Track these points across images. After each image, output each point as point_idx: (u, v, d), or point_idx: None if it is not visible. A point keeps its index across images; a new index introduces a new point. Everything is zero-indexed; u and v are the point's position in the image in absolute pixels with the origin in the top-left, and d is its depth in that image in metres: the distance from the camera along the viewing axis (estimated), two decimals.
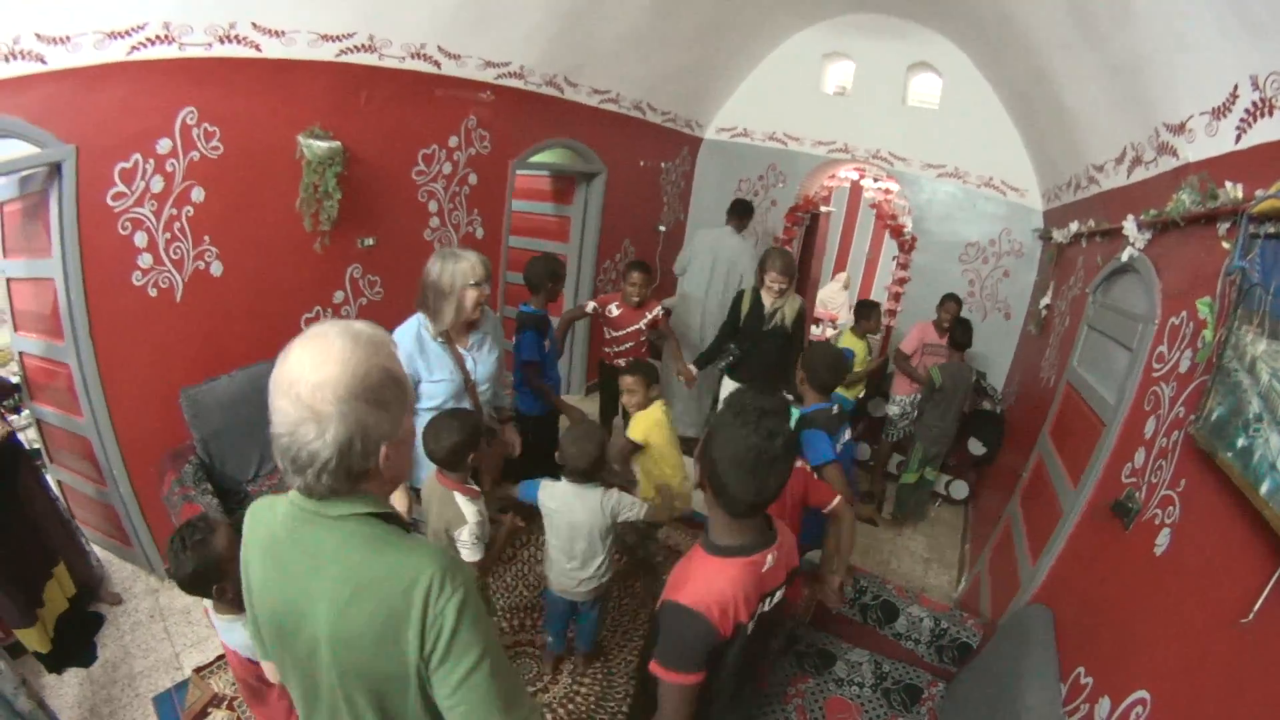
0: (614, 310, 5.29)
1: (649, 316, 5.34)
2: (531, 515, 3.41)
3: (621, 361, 5.23)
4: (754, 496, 1.83)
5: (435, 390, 3.27)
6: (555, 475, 3.38)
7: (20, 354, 4.04)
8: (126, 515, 4.01)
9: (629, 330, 5.33)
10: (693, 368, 5.28)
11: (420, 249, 5.19)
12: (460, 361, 3.38)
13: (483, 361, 3.49)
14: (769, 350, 5.18)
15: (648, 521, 3.68)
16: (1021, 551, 3.78)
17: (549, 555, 3.43)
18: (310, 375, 1.25)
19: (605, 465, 3.35)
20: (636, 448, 3.94)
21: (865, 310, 5.98)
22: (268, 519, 1.44)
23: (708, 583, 1.86)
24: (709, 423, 2.02)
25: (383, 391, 1.32)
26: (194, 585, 2.33)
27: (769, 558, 1.97)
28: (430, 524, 3.03)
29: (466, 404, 3.38)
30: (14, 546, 3.27)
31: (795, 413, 3.69)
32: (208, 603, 2.48)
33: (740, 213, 6.58)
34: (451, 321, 3.25)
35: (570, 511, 3.25)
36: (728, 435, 1.83)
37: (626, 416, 4.30)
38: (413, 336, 3.24)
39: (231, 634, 2.39)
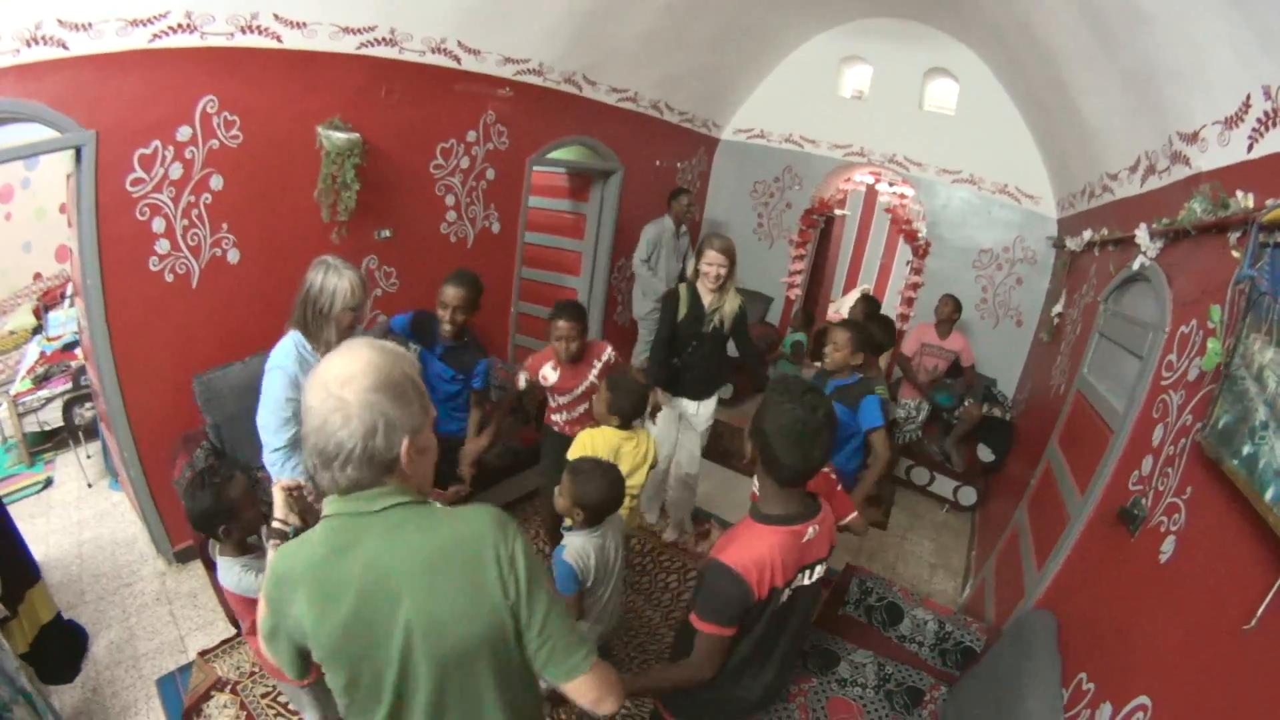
0: (550, 375, 4.11)
1: (597, 366, 4.12)
2: None
3: (577, 430, 3.98)
4: (801, 464, 2.02)
5: None
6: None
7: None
8: (136, 496, 4.06)
9: (579, 392, 4.14)
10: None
11: (437, 242, 5.24)
12: None
13: None
14: (710, 355, 4.47)
15: None
16: (1027, 558, 3.78)
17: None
18: (339, 373, 1.40)
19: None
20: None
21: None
22: (301, 553, 1.48)
23: (749, 545, 2.04)
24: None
25: (403, 389, 1.44)
26: (204, 522, 2.47)
27: (810, 529, 2.14)
28: None
29: None
30: None
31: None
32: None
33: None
34: (332, 344, 2.92)
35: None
36: (777, 409, 2.02)
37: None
38: (293, 358, 2.91)
39: (229, 573, 2.50)
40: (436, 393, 3.80)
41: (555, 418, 4.30)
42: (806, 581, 2.23)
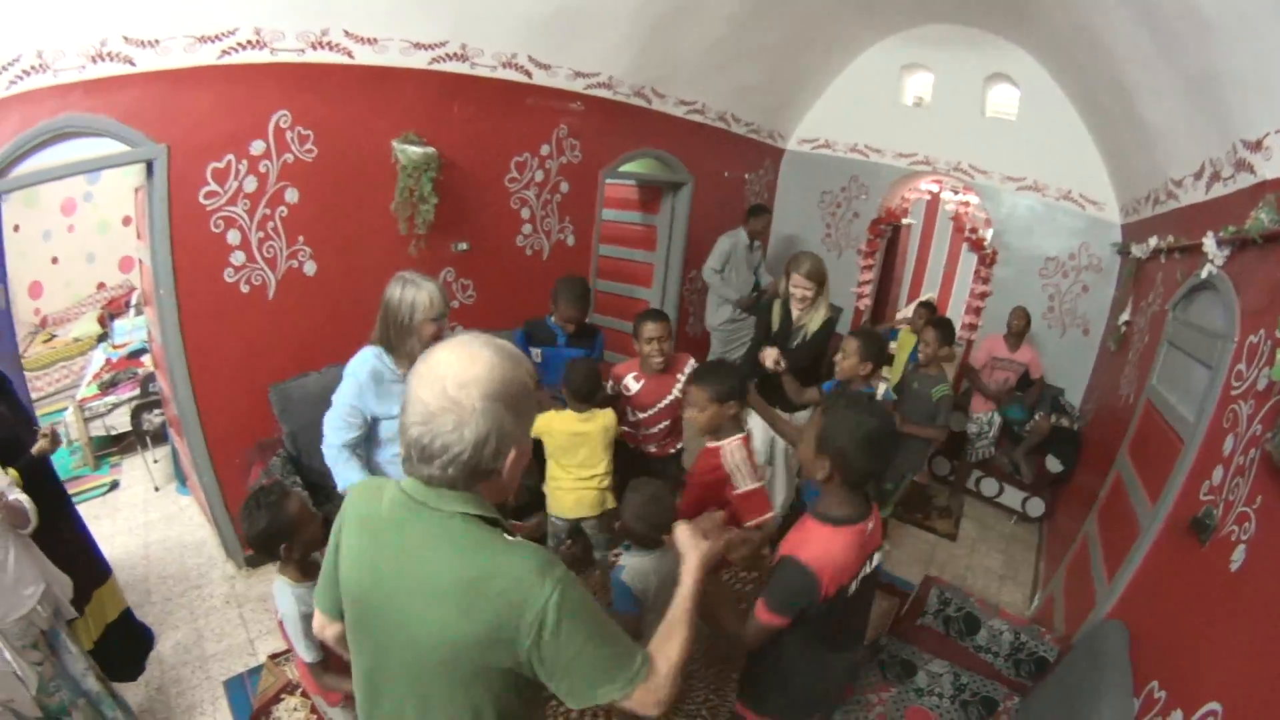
0: (632, 385, 4.00)
1: (680, 380, 3.93)
2: None
3: (653, 448, 4.16)
4: (878, 466, 2.16)
5: (391, 426, 3.10)
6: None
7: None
8: (208, 501, 4.16)
9: (660, 408, 4.00)
10: None
11: (513, 255, 5.33)
12: None
13: None
14: (800, 369, 4.32)
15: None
16: (1097, 569, 3.74)
17: None
18: (458, 373, 1.33)
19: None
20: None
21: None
22: (372, 497, 1.49)
23: (826, 547, 2.12)
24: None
25: (520, 400, 1.40)
26: (264, 543, 2.45)
27: (870, 523, 2.23)
28: None
29: None
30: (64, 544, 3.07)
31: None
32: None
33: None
34: (415, 357, 2.94)
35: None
36: (854, 421, 2.11)
37: None
38: (369, 370, 3.01)
39: (284, 597, 2.47)
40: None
41: (630, 431, 4.15)
42: (869, 569, 2.31)
